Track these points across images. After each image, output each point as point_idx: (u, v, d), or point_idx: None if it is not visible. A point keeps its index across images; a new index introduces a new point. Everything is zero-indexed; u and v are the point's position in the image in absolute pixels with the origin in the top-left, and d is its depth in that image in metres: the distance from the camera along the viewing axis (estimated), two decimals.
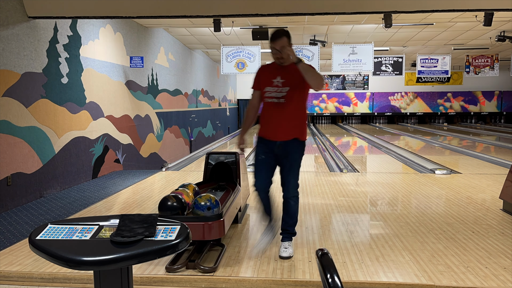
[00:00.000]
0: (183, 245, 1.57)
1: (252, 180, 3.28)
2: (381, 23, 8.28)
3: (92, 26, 6.93)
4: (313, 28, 10.19)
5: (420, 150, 10.49)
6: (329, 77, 19.74)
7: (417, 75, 13.59)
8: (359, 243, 3.50)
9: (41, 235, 1.63)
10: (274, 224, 3.31)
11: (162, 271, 2.96)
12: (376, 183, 6.04)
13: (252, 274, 2.91)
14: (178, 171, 7.36)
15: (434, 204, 4.83)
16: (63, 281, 2.93)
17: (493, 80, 20.98)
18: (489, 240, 3.55)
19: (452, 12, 5.62)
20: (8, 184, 4.96)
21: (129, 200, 5.22)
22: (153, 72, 9.68)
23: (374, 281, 2.80)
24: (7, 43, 4.96)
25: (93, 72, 6.96)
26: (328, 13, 5.36)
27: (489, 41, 11.48)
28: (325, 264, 1.25)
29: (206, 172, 4.25)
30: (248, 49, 10.99)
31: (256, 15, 5.49)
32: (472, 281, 2.77)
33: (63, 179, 6.05)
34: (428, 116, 22.12)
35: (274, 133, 3.15)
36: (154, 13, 5.45)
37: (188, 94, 12.49)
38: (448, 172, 6.79)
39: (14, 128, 5.07)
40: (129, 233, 1.59)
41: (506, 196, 4.44)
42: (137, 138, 8.72)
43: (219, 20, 8.17)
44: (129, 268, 1.65)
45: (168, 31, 10.61)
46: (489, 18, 7.75)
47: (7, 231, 4.06)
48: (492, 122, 21.95)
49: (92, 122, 6.90)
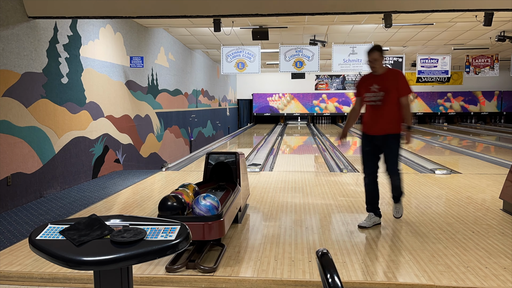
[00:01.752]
0: (183, 245, 1.57)
1: (361, 168, 4.07)
2: (381, 23, 8.29)
3: (92, 26, 6.93)
4: (313, 28, 10.19)
5: (420, 150, 10.49)
6: (329, 77, 19.75)
7: (417, 75, 13.59)
8: (359, 243, 3.50)
9: (41, 235, 1.63)
10: (371, 215, 3.97)
11: (162, 271, 2.96)
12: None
13: (252, 274, 2.91)
14: (178, 171, 7.36)
15: (434, 204, 4.83)
16: (63, 281, 2.93)
17: (493, 80, 20.98)
18: (489, 240, 3.55)
19: (452, 12, 5.62)
20: (8, 184, 4.96)
21: (129, 200, 5.22)
22: (153, 72, 9.68)
23: (374, 281, 2.80)
24: (7, 43, 4.96)
25: (93, 72, 6.96)
26: (328, 13, 5.36)
27: (489, 41, 11.48)
28: (325, 264, 1.25)
29: (206, 172, 4.25)
30: (248, 49, 10.99)
31: (256, 15, 5.49)
32: (472, 281, 2.77)
33: (63, 179, 6.05)
34: (428, 116, 22.13)
35: (374, 129, 3.88)
36: (154, 13, 5.45)
37: (188, 94, 12.49)
38: (448, 172, 6.79)
39: (14, 128, 5.07)
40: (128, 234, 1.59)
41: (506, 196, 4.44)
42: (137, 138, 8.72)
43: (219, 20, 8.17)
44: (129, 268, 1.65)
45: (168, 31, 10.62)
46: (489, 18, 7.75)
47: (7, 231, 4.06)
48: (492, 122, 21.95)
49: (92, 122, 6.90)
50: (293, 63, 11.10)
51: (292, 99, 22.07)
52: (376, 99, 3.81)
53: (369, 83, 3.86)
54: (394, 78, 3.82)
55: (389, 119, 3.82)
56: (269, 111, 22.03)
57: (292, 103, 22.10)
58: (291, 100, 22.08)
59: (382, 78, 3.81)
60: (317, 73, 19.29)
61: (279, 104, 22.11)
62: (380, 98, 3.79)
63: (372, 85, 3.83)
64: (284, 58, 11.12)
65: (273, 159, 8.81)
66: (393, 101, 3.79)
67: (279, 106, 22.13)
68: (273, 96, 22.11)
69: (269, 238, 3.64)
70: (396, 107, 3.82)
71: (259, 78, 21.70)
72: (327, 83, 19.73)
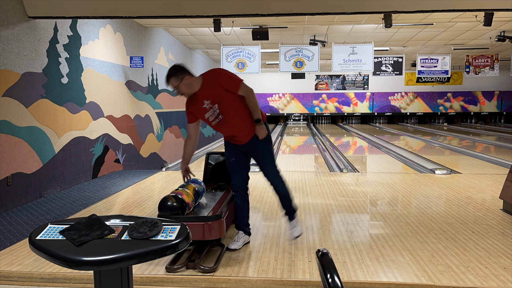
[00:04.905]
0: (183, 245, 1.57)
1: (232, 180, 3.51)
2: (381, 23, 8.29)
3: (92, 26, 6.93)
4: (313, 28, 10.19)
5: (420, 150, 10.49)
6: (329, 77, 19.74)
7: (417, 75, 13.59)
8: (359, 243, 3.50)
9: (41, 235, 1.64)
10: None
11: (162, 271, 2.96)
12: (376, 183, 6.04)
13: (252, 274, 2.91)
14: (178, 171, 7.35)
15: (434, 204, 4.83)
16: (63, 281, 2.93)
17: (493, 80, 20.98)
18: (489, 240, 3.55)
19: (452, 12, 5.62)
20: (8, 184, 4.96)
21: (129, 200, 5.22)
22: (153, 72, 9.68)
23: (374, 281, 2.80)
24: (7, 43, 4.96)
25: (93, 72, 6.96)
26: (328, 13, 5.35)
27: (489, 41, 11.49)
28: (325, 264, 1.25)
29: (206, 172, 4.25)
30: (248, 49, 10.99)
31: (256, 15, 5.48)
32: (472, 281, 2.77)
33: (63, 179, 6.05)
34: (428, 116, 22.11)
35: (236, 139, 3.36)
36: (154, 13, 5.45)
37: None
38: (448, 172, 6.79)
39: (14, 128, 5.07)
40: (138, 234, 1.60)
41: (506, 196, 4.44)
42: (137, 138, 8.72)
43: (219, 20, 8.17)
44: (129, 268, 1.65)
45: (168, 31, 10.61)
46: (489, 18, 7.76)
47: (7, 231, 4.06)
48: (492, 122, 21.94)
49: (92, 122, 6.90)
50: (293, 63, 11.10)
51: (292, 99, 22.06)
52: (216, 114, 3.22)
53: (198, 103, 3.20)
54: (213, 82, 3.16)
55: (242, 125, 3.27)
56: (269, 111, 22.02)
57: (292, 103, 22.10)
58: (291, 100, 22.07)
59: (204, 90, 3.17)
60: (317, 73, 19.27)
61: (279, 104, 22.11)
62: (219, 112, 3.20)
63: (202, 102, 3.19)
64: (284, 58, 11.12)
65: None
66: (232, 106, 3.20)
67: (279, 106, 22.12)
68: (273, 96, 22.10)
69: (269, 238, 3.64)
70: (241, 109, 3.24)
71: (259, 78, 21.68)
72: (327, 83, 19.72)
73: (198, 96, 3.20)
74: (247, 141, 3.33)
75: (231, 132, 3.33)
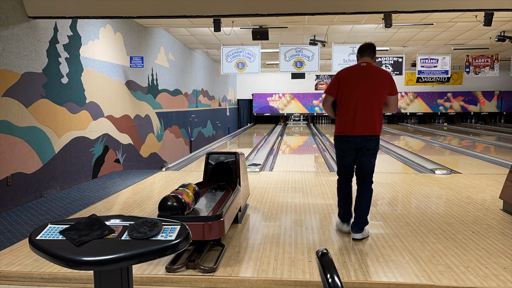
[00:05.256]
0: (183, 245, 1.57)
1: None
2: (381, 23, 8.29)
3: (92, 26, 6.93)
4: (313, 28, 10.19)
5: (420, 150, 10.49)
6: (329, 77, 19.73)
7: (417, 75, 13.59)
8: (359, 243, 3.50)
9: (41, 235, 1.63)
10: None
11: (162, 271, 2.96)
12: (376, 183, 6.00)
13: (252, 274, 2.91)
14: (178, 171, 7.36)
15: (434, 204, 4.83)
16: (63, 281, 2.93)
17: (493, 80, 20.99)
18: (489, 240, 3.55)
19: (452, 12, 5.62)
20: (8, 184, 4.96)
21: (129, 200, 5.22)
22: (153, 72, 9.68)
23: (374, 281, 2.80)
24: (7, 43, 4.96)
25: (93, 72, 6.96)
26: (328, 13, 5.35)
27: (489, 41, 11.49)
28: (325, 264, 1.25)
29: (206, 172, 4.25)
30: (248, 49, 10.99)
31: (256, 15, 5.49)
32: (472, 281, 2.77)
33: (63, 179, 6.05)
34: (428, 116, 22.12)
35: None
36: (154, 13, 5.45)
37: (188, 94, 12.49)
38: (448, 172, 6.79)
39: (14, 128, 5.07)
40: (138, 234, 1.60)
41: (506, 196, 4.44)
42: (137, 138, 8.72)
43: (219, 20, 8.17)
44: (129, 268, 1.65)
45: (168, 31, 10.61)
46: (489, 18, 7.75)
47: (7, 231, 4.06)
48: (492, 122, 21.95)
49: (92, 122, 6.90)
50: (293, 63, 11.10)
51: (292, 99, 22.07)
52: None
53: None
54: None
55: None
56: (269, 111, 22.04)
57: (292, 103, 22.11)
58: (291, 100, 22.08)
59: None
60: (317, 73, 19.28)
61: (279, 104, 22.12)
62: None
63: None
64: (284, 58, 11.12)
65: (273, 159, 8.80)
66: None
67: (279, 106, 22.13)
68: (273, 96, 22.11)
69: (269, 238, 3.64)
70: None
71: (259, 78, 21.71)
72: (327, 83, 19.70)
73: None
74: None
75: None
